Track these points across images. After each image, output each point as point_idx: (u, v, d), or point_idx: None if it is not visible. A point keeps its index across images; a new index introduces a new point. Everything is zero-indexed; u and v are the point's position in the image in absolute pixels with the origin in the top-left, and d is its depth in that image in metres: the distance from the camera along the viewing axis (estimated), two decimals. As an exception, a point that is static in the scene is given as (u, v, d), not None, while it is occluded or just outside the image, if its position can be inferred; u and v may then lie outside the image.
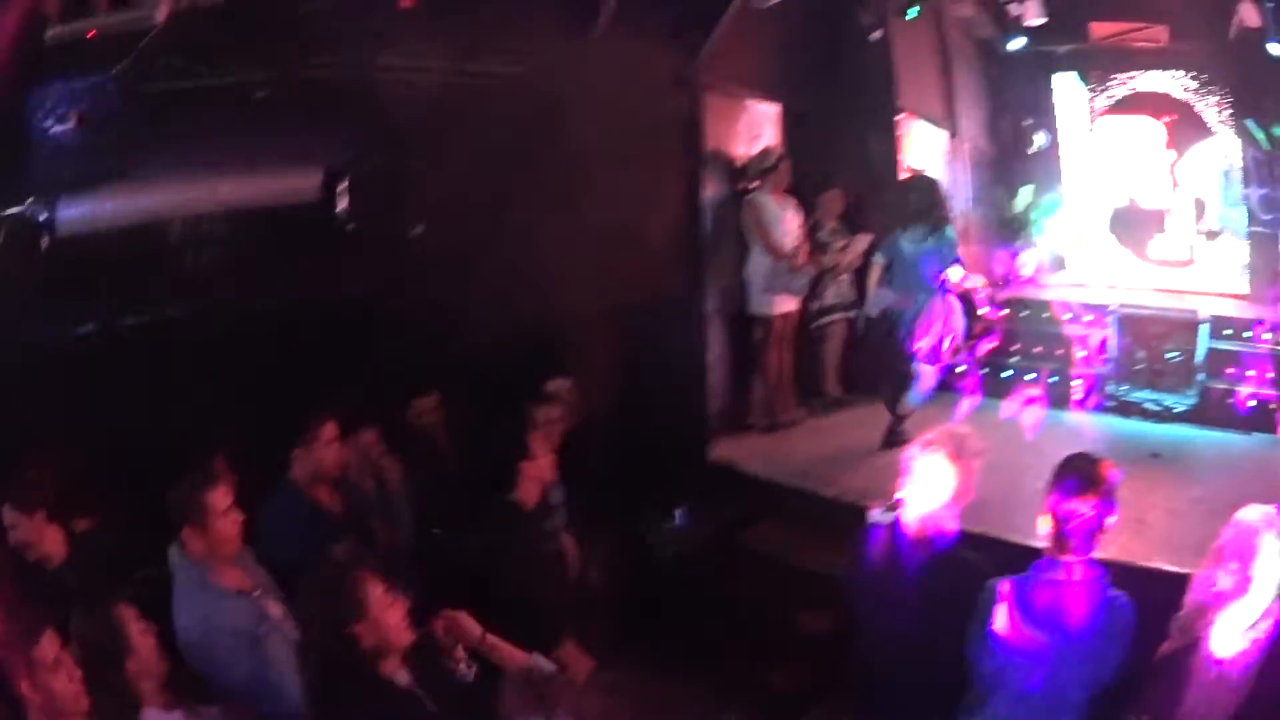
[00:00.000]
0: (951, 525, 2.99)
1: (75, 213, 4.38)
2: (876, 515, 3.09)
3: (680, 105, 6.49)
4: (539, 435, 4.35)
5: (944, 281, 6.15)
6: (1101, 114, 10.08)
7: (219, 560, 3.31)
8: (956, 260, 6.18)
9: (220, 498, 3.28)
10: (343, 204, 5.00)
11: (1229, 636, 2.28)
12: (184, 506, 3.24)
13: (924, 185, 6.54)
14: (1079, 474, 2.73)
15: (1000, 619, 2.75)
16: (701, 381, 6.51)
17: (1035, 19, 8.26)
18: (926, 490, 2.96)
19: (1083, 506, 2.67)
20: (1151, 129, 9.94)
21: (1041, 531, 2.75)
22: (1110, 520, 2.70)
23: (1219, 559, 2.62)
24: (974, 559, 3.01)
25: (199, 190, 4.74)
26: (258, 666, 3.16)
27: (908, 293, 6.15)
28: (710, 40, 6.51)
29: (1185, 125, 9.81)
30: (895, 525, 3.06)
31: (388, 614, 2.72)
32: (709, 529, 5.64)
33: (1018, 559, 2.92)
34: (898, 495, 3.03)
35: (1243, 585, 2.51)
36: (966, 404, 6.51)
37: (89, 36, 4.40)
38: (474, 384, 4.92)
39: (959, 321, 6.32)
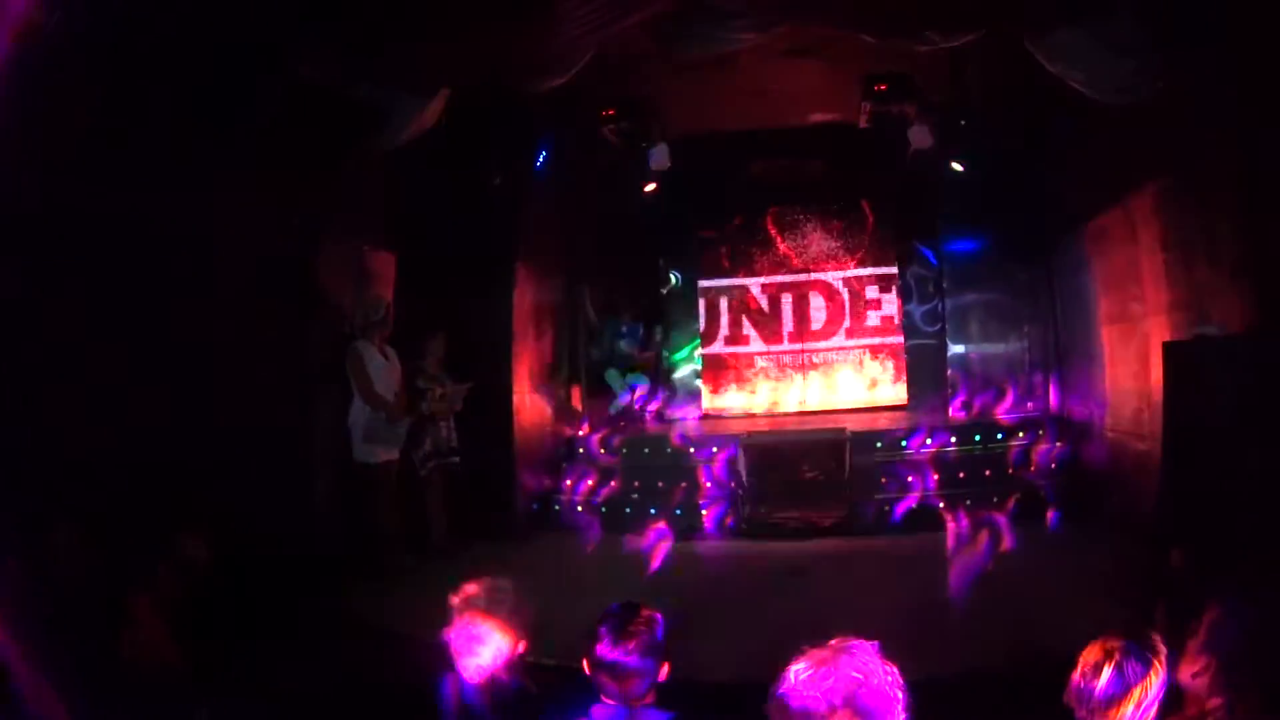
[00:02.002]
0: (506, 673, 2.93)
1: None
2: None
3: (292, 249, 6.21)
4: (146, 600, 4.11)
5: None
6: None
7: None
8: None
9: None
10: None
11: None
12: None
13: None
14: (616, 623, 2.63)
15: None
16: (309, 528, 6.08)
17: (663, 165, 8.59)
18: (464, 640, 2.93)
19: (620, 655, 2.55)
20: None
21: (587, 676, 2.63)
22: (663, 668, 2.59)
23: None
24: (537, 698, 2.95)
25: None
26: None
27: None
28: (324, 186, 6.28)
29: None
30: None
31: None
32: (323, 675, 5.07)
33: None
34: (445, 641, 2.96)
35: None
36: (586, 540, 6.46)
37: None
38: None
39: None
